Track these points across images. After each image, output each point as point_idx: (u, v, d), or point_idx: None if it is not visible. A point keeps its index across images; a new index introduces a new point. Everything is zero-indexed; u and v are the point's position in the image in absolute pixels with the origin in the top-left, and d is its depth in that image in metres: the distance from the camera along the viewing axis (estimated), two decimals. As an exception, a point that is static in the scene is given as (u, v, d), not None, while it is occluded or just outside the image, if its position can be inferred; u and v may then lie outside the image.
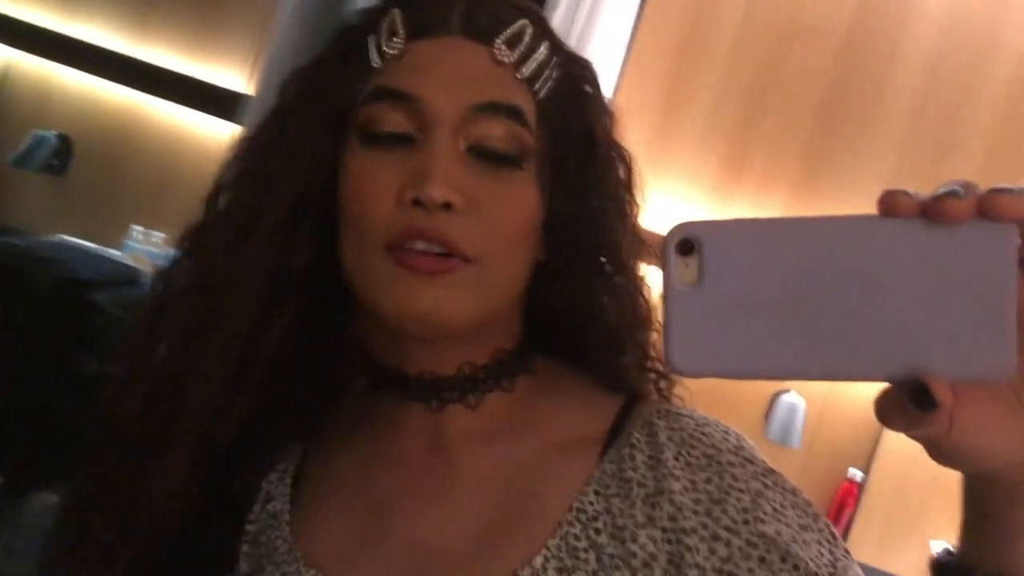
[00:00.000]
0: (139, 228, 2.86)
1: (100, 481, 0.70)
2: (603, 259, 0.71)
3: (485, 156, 0.62)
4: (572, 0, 2.01)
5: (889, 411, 0.41)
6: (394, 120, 0.62)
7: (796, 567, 0.57)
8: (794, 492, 0.62)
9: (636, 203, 0.73)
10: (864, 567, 0.63)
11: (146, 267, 2.68)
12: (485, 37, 0.64)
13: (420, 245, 0.60)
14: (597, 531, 0.62)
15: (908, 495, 2.39)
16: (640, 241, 0.73)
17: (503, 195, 0.63)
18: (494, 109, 0.62)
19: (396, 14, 0.65)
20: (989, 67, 2.50)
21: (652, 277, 0.65)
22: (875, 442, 2.43)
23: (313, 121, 0.66)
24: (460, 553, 0.64)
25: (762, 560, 0.58)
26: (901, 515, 2.45)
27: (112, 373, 0.73)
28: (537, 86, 0.66)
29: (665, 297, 0.42)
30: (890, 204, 0.40)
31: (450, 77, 0.62)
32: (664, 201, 2.58)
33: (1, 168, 3.08)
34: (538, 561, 0.61)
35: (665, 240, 0.41)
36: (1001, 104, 2.50)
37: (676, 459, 0.62)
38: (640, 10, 2.28)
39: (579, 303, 0.71)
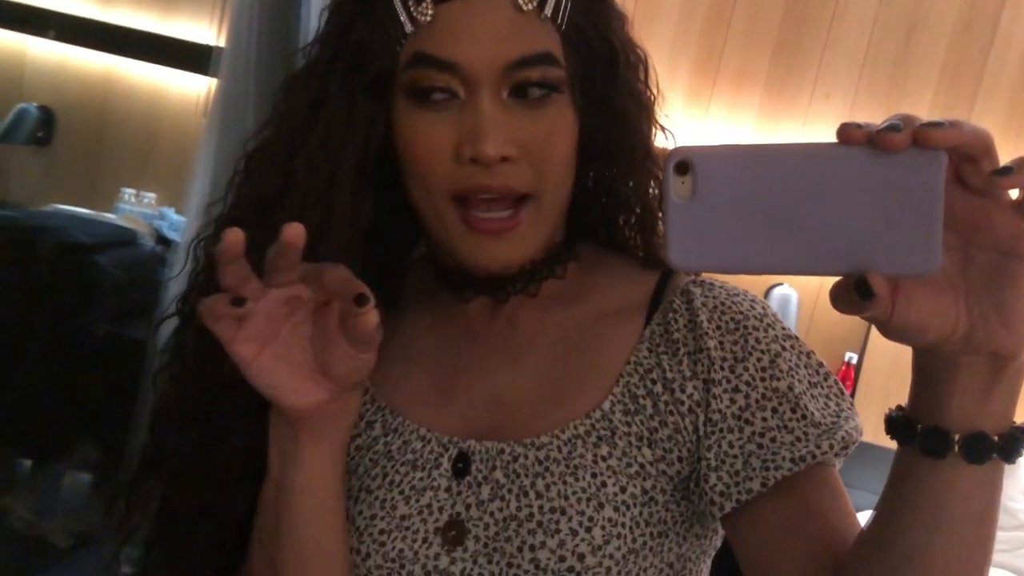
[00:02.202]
0: (130, 190, 2.90)
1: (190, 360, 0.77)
2: (632, 150, 0.79)
3: (525, 96, 0.69)
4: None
5: (839, 298, 0.50)
6: (440, 80, 0.68)
7: (804, 417, 0.68)
8: (808, 355, 0.73)
9: (653, 94, 0.81)
10: (866, 445, 0.72)
11: (141, 227, 2.72)
12: None
13: (485, 195, 0.68)
14: (653, 381, 0.72)
15: (903, 374, 2.46)
16: (659, 127, 0.82)
17: (547, 129, 0.70)
18: (527, 62, 0.68)
19: None
20: (954, -57, 2.50)
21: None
22: (868, 326, 2.49)
23: (357, 87, 0.70)
24: (533, 402, 0.75)
25: (774, 411, 0.69)
26: (898, 393, 2.50)
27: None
28: (559, 19, 0.71)
29: (664, 208, 0.50)
30: (844, 135, 0.48)
31: (482, 38, 0.67)
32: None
33: (-11, 146, 3.11)
34: (606, 405, 0.72)
35: (665, 161, 0.50)
36: (968, -20, 2.51)
37: (709, 321, 0.72)
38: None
39: (614, 193, 0.81)
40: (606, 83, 0.76)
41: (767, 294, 2.61)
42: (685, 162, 0.49)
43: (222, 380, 0.69)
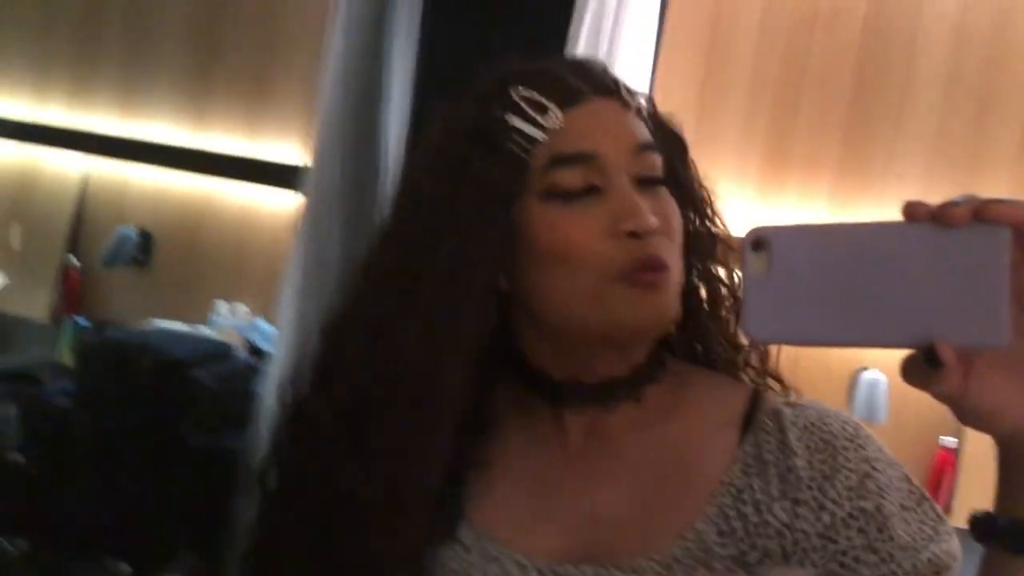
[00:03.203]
0: (224, 304, 3.03)
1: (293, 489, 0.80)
2: (714, 239, 0.83)
3: (647, 184, 0.75)
4: (594, 23, 2.07)
5: (910, 371, 0.52)
6: (579, 178, 0.73)
7: (891, 539, 0.67)
8: (905, 479, 0.72)
9: (721, 221, 0.85)
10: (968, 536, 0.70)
11: (234, 339, 2.83)
12: (612, 92, 0.77)
13: (648, 267, 0.72)
14: (744, 502, 0.72)
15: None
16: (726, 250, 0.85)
17: (669, 212, 0.75)
18: (644, 147, 0.75)
19: (533, 94, 0.75)
20: (1021, 15, 2.50)
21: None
22: (964, 407, 2.41)
23: (490, 208, 0.75)
24: (628, 521, 0.75)
25: (860, 531, 0.68)
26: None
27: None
28: (644, 115, 0.79)
29: (743, 282, 0.55)
30: (909, 212, 0.51)
31: (610, 132, 0.74)
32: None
33: (92, 268, 3.30)
34: (699, 525, 0.72)
35: (743, 240, 0.54)
36: (1037, 53, 2.49)
37: (799, 440, 0.72)
38: (661, 22, 2.33)
39: (696, 301, 0.83)
40: (687, 173, 0.81)
41: (855, 378, 2.55)
42: (761, 239, 0.54)
43: (335, 495, 0.73)
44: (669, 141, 0.81)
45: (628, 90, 0.78)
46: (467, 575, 0.77)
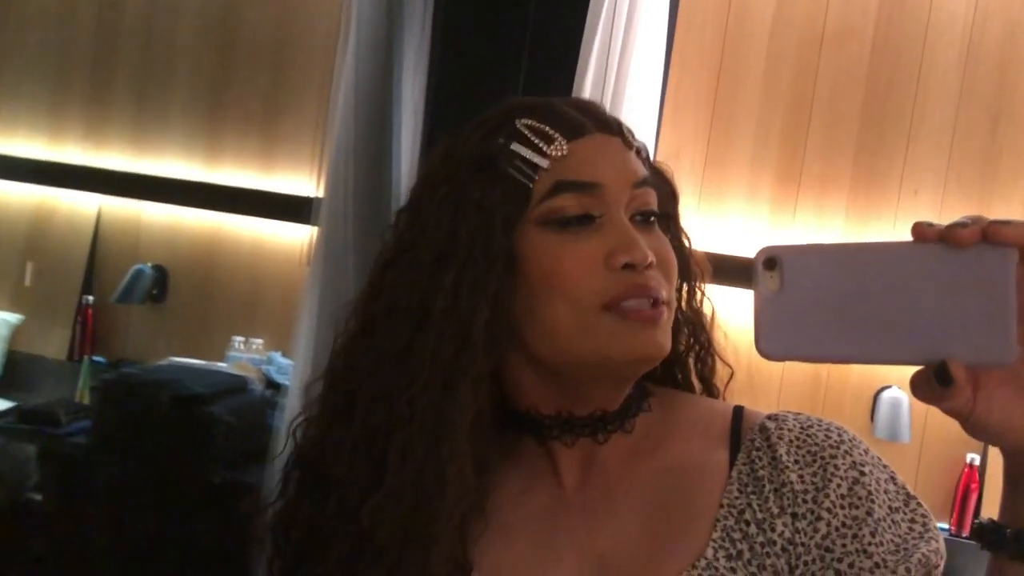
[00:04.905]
0: (239, 338, 3.03)
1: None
2: (689, 286, 0.85)
3: (643, 218, 0.76)
4: (603, 46, 2.07)
5: (920, 387, 0.52)
6: (580, 205, 0.74)
7: (881, 543, 0.68)
8: (890, 479, 0.72)
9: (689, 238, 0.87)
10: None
11: (251, 373, 2.83)
12: (613, 130, 0.78)
13: (632, 302, 0.71)
14: (747, 523, 0.72)
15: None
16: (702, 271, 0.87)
17: (663, 247, 0.76)
18: (644, 183, 0.76)
19: (537, 124, 0.76)
20: (1028, 31, 2.50)
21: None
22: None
23: (491, 234, 0.74)
24: (636, 557, 0.74)
25: (855, 536, 0.69)
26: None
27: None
28: (643, 156, 0.80)
29: (754, 300, 0.54)
30: (918, 233, 0.52)
31: (612, 165, 0.75)
32: (729, 224, 2.63)
33: (108, 306, 3.32)
34: (709, 552, 0.72)
35: (755, 258, 0.55)
36: (1047, 65, 2.49)
37: (788, 455, 0.73)
38: (669, 47, 2.33)
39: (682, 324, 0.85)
40: (674, 217, 0.83)
41: (876, 397, 2.53)
42: (773, 258, 0.54)
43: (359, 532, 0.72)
44: (663, 187, 0.82)
45: (629, 131, 0.79)
46: None
